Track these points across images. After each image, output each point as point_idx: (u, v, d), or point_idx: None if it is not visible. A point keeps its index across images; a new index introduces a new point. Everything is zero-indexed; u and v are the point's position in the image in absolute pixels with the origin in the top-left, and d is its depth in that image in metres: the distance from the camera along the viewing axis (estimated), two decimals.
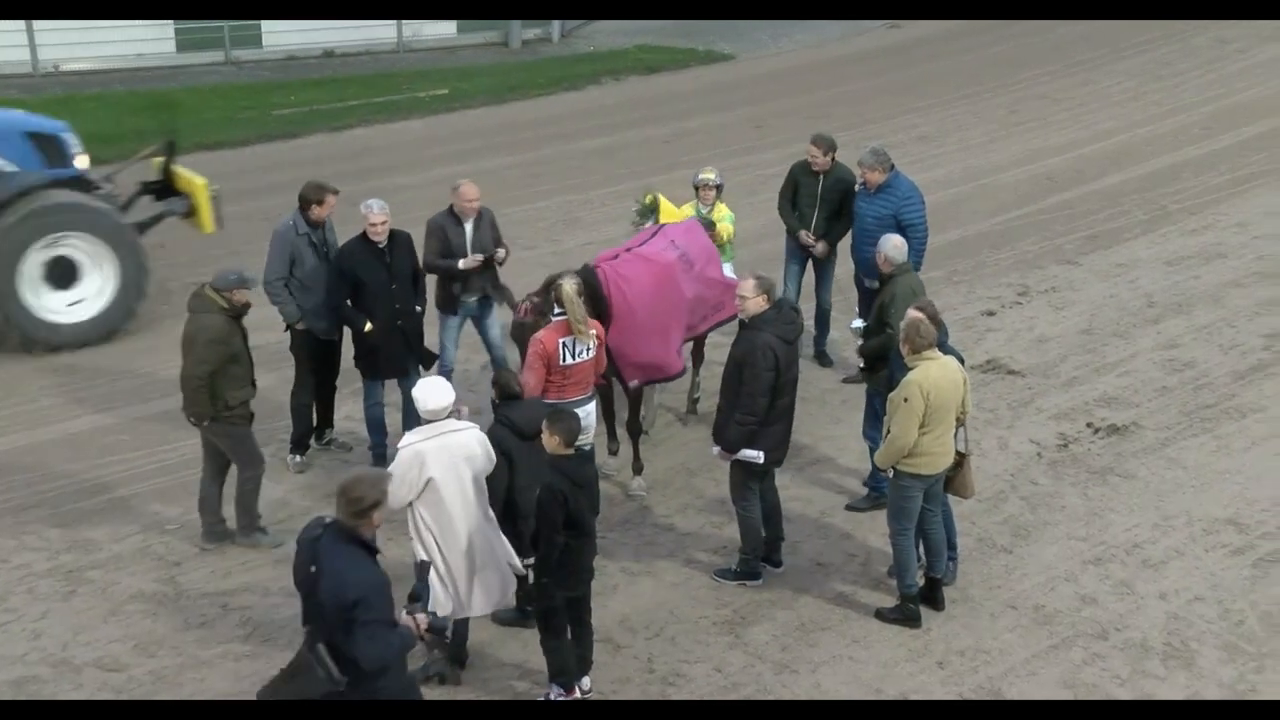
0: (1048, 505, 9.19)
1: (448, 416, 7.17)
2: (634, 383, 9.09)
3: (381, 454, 9.38)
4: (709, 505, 9.23)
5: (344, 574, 5.73)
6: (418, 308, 9.45)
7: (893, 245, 8.82)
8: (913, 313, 7.73)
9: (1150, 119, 17.87)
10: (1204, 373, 11.02)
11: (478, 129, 18.20)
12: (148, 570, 8.52)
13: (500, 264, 9.80)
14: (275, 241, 9.35)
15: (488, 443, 7.23)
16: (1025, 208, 14.81)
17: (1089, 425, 10.18)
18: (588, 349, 8.35)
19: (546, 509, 6.84)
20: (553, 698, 7.23)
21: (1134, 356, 11.32)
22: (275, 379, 10.46)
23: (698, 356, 10.27)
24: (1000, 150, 16.76)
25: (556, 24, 23.28)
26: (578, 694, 7.27)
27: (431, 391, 7.13)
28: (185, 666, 7.65)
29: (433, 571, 6.98)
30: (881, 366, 8.68)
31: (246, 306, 8.39)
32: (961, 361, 7.92)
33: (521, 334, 8.67)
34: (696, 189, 10.43)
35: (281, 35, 21.13)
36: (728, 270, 10.19)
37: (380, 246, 9.12)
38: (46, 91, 19.37)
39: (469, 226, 9.63)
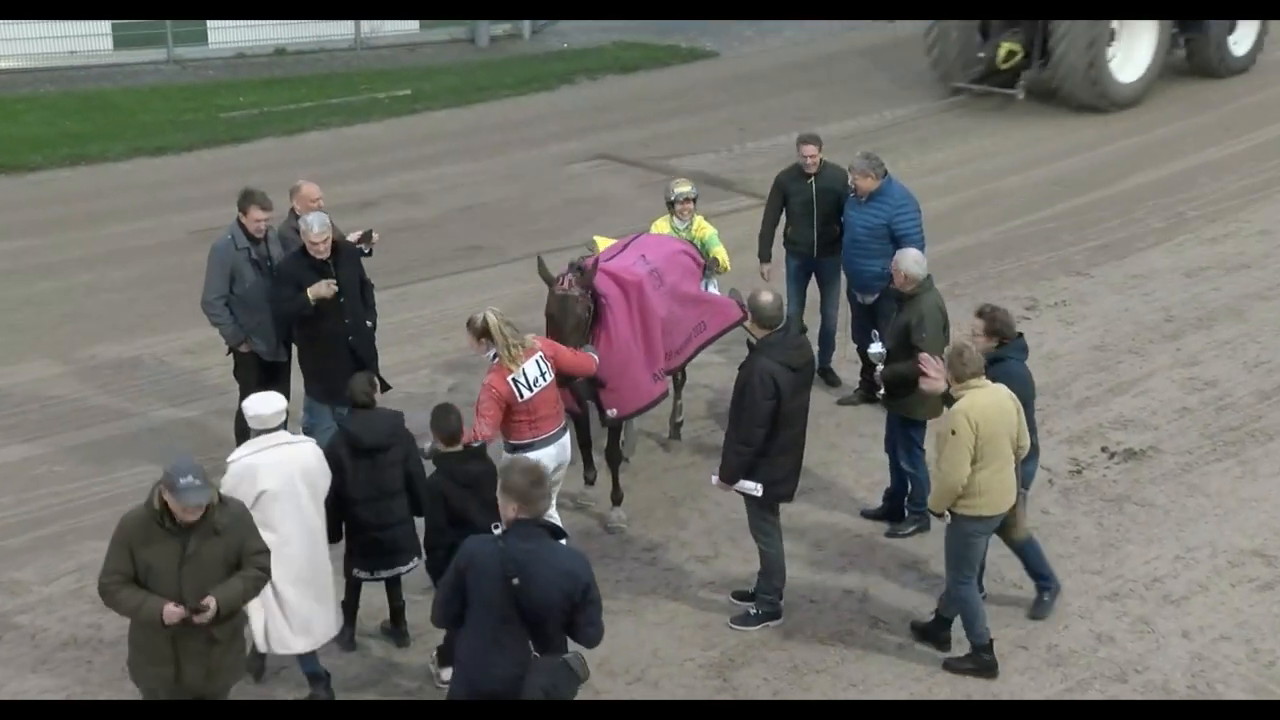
0: (1060, 536, 9.16)
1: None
2: (612, 412, 9.01)
3: None
4: (694, 537, 9.19)
5: (568, 565, 6.06)
6: (369, 323, 9.41)
7: (912, 260, 8.80)
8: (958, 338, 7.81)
9: (1164, 119, 17.96)
10: (1227, 392, 11.04)
11: (441, 132, 18.17)
12: (82, 614, 8.41)
13: (370, 251, 9.70)
14: (213, 257, 9.32)
15: (323, 465, 7.41)
16: (1031, 215, 14.85)
17: (1103, 449, 10.18)
18: (543, 375, 8.09)
19: (428, 507, 7.46)
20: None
21: (1151, 375, 11.34)
22: (219, 405, 10.40)
23: (679, 378, 10.22)
24: (1004, 154, 16.82)
25: (527, 20, 23.29)
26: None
27: (261, 399, 7.34)
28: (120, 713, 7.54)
29: (255, 600, 6.88)
30: (905, 392, 8.70)
31: (173, 518, 6.27)
32: (1032, 384, 7.91)
33: (565, 308, 8.49)
34: (673, 204, 10.28)
35: (229, 31, 21.05)
36: (712, 288, 10.15)
37: (321, 261, 9.03)
38: None
39: None
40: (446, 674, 7.34)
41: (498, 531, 6.09)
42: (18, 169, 16.39)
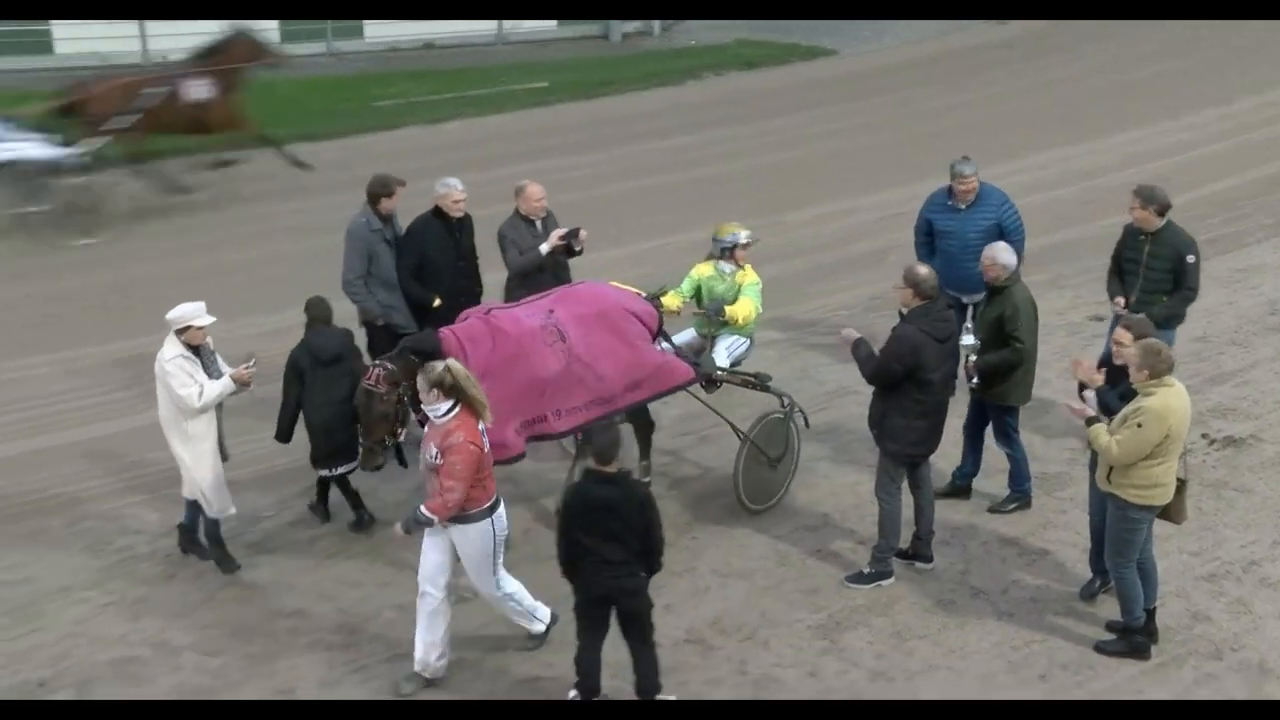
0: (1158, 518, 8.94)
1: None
2: None
3: None
4: (800, 509, 9.17)
5: None
6: (477, 289, 9.68)
7: (1004, 249, 8.61)
8: (1134, 335, 7.41)
9: (1270, 119, 17.35)
10: None
11: (568, 124, 18.26)
12: (243, 558, 8.65)
13: (580, 250, 9.68)
14: (350, 239, 9.49)
15: (164, 370, 8.01)
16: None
17: (1204, 436, 9.90)
18: None
19: (559, 511, 7.09)
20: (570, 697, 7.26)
21: (1253, 366, 11.00)
22: None
23: (644, 443, 9.24)
24: (1101, 154, 16.41)
25: (657, 19, 23.32)
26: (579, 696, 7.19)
27: (189, 305, 8.04)
28: (278, 653, 7.77)
29: None
30: (999, 383, 8.57)
31: None
32: None
33: (369, 403, 7.60)
34: (730, 250, 9.21)
35: (383, 26, 21.43)
36: (722, 349, 9.23)
37: (453, 222, 9.39)
38: None
39: (539, 228, 9.69)
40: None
41: None
42: (183, 154, 16.79)
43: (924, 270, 8.04)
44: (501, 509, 7.26)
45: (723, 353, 9.25)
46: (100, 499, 9.35)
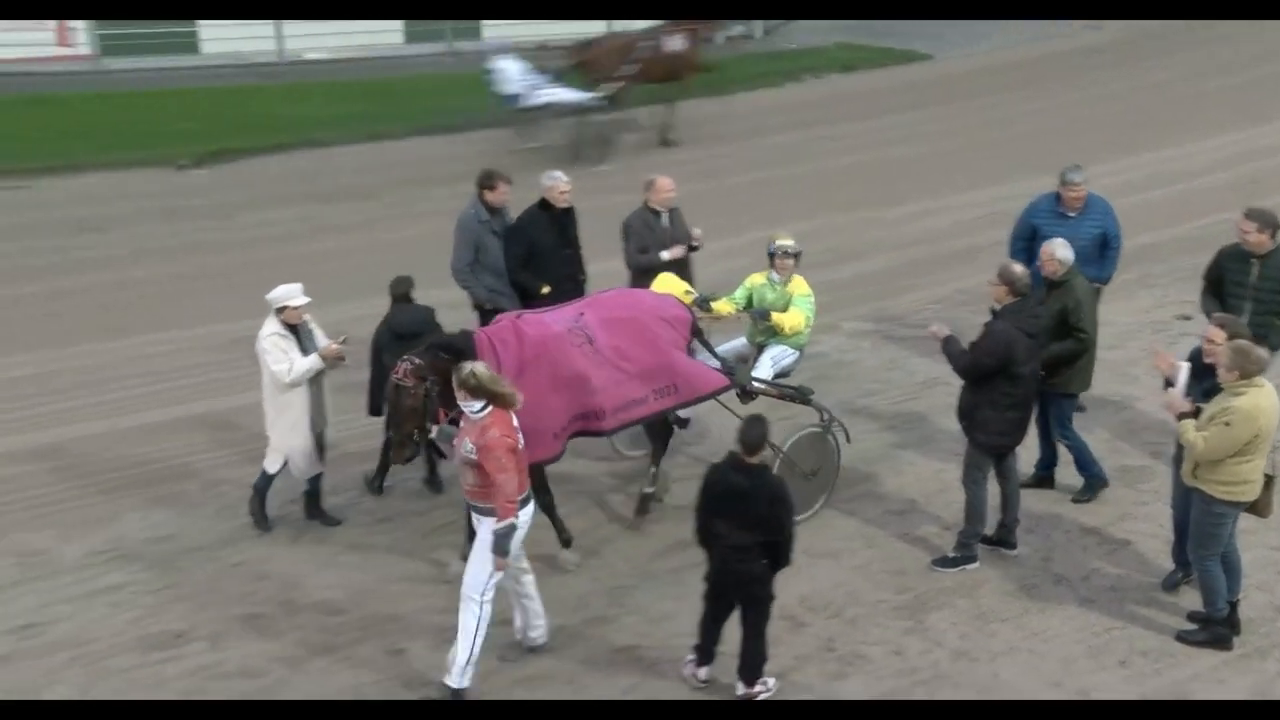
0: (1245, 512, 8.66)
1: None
2: None
3: None
4: (887, 494, 9.08)
5: None
6: (581, 276, 9.67)
7: (1061, 245, 8.45)
8: (1224, 334, 7.21)
9: None
10: None
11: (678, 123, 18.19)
12: (360, 525, 8.82)
13: (698, 248, 9.76)
14: (460, 230, 9.56)
15: (261, 346, 8.22)
16: (1226, 213, 13.95)
17: None
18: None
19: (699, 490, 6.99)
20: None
21: None
22: None
23: (659, 449, 8.77)
24: (1194, 156, 15.95)
25: (759, 21, 23.18)
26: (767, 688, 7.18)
27: (288, 286, 8.23)
28: (390, 617, 7.89)
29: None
30: (1062, 372, 8.42)
31: None
32: None
33: (398, 398, 7.34)
34: (772, 256, 8.98)
35: (500, 27, 21.56)
36: (768, 359, 8.93)
37: (558, 213, 9.42)
38: (286, 79, 20.22)
39: (665, 220, 9.63)
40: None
41: None
42: (304, 145, 17.08)
43: (1018, 268, 7.96)
44: (530, 508, 7.11)
45: (768, 363, 8.94)
46: (232, 466, 9.57)
